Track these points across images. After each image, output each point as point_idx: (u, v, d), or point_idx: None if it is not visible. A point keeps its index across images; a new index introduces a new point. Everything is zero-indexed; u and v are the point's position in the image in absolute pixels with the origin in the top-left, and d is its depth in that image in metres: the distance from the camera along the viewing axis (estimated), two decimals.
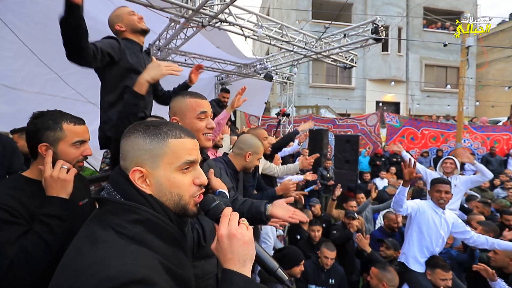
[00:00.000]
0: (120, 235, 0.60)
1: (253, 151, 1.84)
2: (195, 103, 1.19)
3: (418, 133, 9.43)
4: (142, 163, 0.67)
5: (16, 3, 3.27)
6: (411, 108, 15.64)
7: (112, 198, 0.66)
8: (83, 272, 0.53)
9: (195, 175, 0.72)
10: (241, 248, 0.64)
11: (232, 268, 0.63)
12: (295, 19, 14.18)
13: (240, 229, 0.66)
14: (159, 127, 0.69)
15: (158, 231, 0.65)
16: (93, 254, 0.56)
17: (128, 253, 0.57)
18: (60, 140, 1.09)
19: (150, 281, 0.54)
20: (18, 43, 3.43)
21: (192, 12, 3.69)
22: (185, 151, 0.69)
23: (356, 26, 5.05)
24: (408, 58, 15.81)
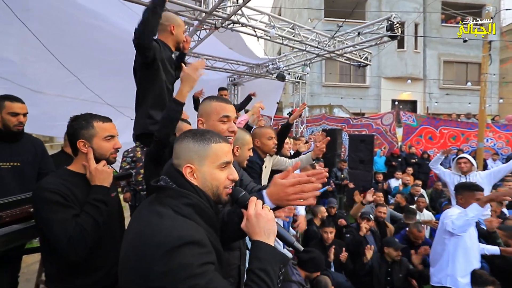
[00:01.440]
0: (176, 213, 0.81)
1: (240, 144, 1.79)
2: (220, 107, 1.30)
3: (437, 132, 9.11)
4: (192, 161, 0.87)
5: (41, 10, 3.44)
6: (429, 107, 15.14)
7: (170, 186, 0.86)
8: (154, 235, 0.73)
9: (229, 172, 0.92)
10: (266, 224, 0.85)
11: (259, 239, 0.84)
12: (307, 18, 14.06)
13: (264, 210, 0.88)
14: (204, 134, 0.90)
15: (202, 213, 0.85)
16: (161, 223, 0.76)
17: (186, 224, 0.79)
18: (93, 136, 1.31)
19: (204, 243, 0.77)
20: (42, 48, 3.60)
21: (206, 14, 3.75)
22: (223, 153, 0.90)
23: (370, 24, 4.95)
24: (426, 55, 15.30)
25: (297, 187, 0.98)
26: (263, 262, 0.80)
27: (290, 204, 1.01)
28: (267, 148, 2.30)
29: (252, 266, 0.80)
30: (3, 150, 1.98)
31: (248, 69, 7.71)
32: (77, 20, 3.80)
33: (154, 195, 0.89)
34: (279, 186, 1.00)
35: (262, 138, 2.28)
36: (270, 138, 2.31)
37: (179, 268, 0.69)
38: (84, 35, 4.02)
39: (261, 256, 0.81)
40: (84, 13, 3.79)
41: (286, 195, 0.99)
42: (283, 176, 1.01)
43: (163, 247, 0.70)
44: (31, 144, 2.14)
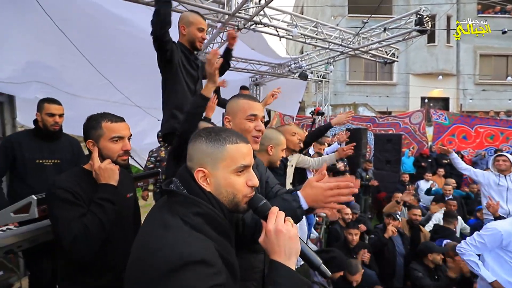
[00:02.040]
0: (185, 223, 0.72)
1: (274, 143, 1.81)
2: (247, 105, 1.25)
3: (472, 131, 8.51)
4: (204, 164, 0.78)
5: (78, 20, 3.71)
6: (462, 104, 14.17)
7: (180, 191, 0.78)
8: (158, 250, 0.66)
9: (248, 177, 0.81)
10: (287, 242, 0.72)
11: (278, 260, 0.71)
12: (330, 15, 13.77)
13: (286, 225, 0.74)
14: (219, 133, 0.80)
15: (213, 223, 0.76)
16: (165, 236, 0.69)
17: (193, 238, 0.69)
18: (100, 137, 1.29)
19: (211, 263, 0.66)
20: (78, 55, 3.88)
21: (228, 16, 3.82)
22: (240, 156, 0.79)
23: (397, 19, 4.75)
24: (459, 49, 14.34)
25: (336, 191, 0.96)
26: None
27: (326, 206, 0.99)
28: (292, 144, 2.31)
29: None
30: (45, 148, 2.18)
31: (270, 69, 7.72)
32: (110, 27, 4.04)
33: (165, 197, 0.82)
34: (318, 189, 0.97)
35: (285, 134, 2.25)
36: (294, 134, 2.33)
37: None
38: (115, 41, 4.27)
39: (279, 281, 0.70)
40: (115, 20, 4.03)
41: (325, 198, 0.96)
42: (318, 178, 0.99)
43: (163, 266, 0.63)
44: (69, 143, 2.33)
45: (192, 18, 1.95)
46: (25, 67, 3.43)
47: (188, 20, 1.94)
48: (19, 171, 2.11)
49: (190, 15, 1.97)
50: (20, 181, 2.12)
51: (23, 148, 2.09)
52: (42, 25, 3.38)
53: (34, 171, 2.12)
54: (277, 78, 8.01)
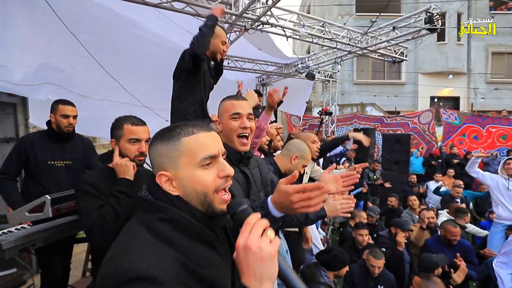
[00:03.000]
0: (149, 230, 0.65)
1: (300, 155, 1.81)
2: (230, 105, 1.24)
3: (483, 131, 8.32)
4: (164, 167, 0.69)
5: (89, 23, 3.78)
6: (473, 103, 13.87)
7: (145, 197, 0.71)
8: (110, 259, 0.62)
9: (219, 168, 0.71)
10: (258, 264, 0.57)
11: (247, 284, 0.58)
12: (338, 14, 13.66)
13: (260, 242, 0.58)
14: (173, 129, 0.71)
15: (183, 228, 0.66)
16: (121, 242, 0.65)
17: (146, 250, 0.60)
18: (121, 137, 1.43)
19: (158, 281, 0.55)
20: (89, 57, 3.95)
21: (236, 17, 3.84)
22: (201, 146, 0.69)
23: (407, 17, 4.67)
24: (470, 47, 14.04)
25: (304, 194, 0.85)
26: None
27: (297, 212, 0.89)
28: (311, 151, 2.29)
29: None
30: (57, 150, 2.22)
31: (276, 69, 7.71)
32: (119, 29, 4.11)
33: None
34: (282, 194, 0.86)
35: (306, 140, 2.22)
36: (314, 142, 2.33)
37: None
38: (124, 43, 4.33)
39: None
40: (124, 22, 4.09)
41: (290, 204, 0.86)
42: (287, 181, 0.88)
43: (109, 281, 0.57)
44: (81, 143, 2.37)
45: (218, 31, 2.04)
46: (37, 69, 3.50)
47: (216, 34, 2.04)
48: (32, 171, 2.16)
49: (216, 29, 2.06)
50: (33, 181, 2.17)
51: (36, 149, 2.14)
52: (53, 27, 3.46)
53: (46, 172, 2.17)
54: (283, 78, 8.00)
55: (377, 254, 2.55)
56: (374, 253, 2.56)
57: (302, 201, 0.85)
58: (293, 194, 0.84)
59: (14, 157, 2.16)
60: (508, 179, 3.26)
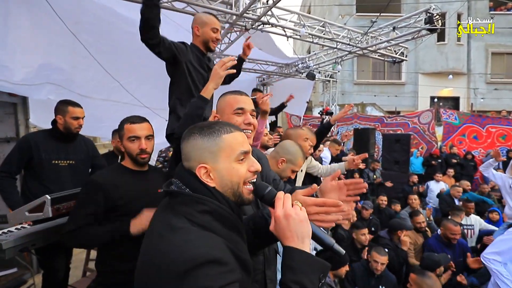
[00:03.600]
0: (192, 223, 0.69)
1: (287, 159, 1.66)
2: (233, 99, 1.20)
3: (483, 131, 8.32)
4: (205, 160, 0.76)
5: (89, 23, 3.78)
6: (473, 103, 13.87)
7: (182, 191, 0.75)
8: (167, 254, 0.63)
9: (249, 163, 0.80)
10: (298, 226, 0.70)
11: (291, 245, 0.70)
12: (338, 14, 13.66)
13: (295, 209, 0.72)
14: (212, 126, 0.78)
15: (223, 219, 0.74)
16: (173, 239, 0.66)
17: (201, 238, 0.66)
18: (123, 137, 1.47)
19: (223, 261, 0.64)
20: (89, 57, 3.95)
21: (236, 17, 3.84)
22: (238, 143, 0.78)
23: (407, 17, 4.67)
24: (470, 47, 14.05)
25: (322, 208, 0.87)
26: (297, 273, 0.67)
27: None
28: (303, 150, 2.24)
29: (285, 278, 0.68)
30: (60, 150, 2.22)
31: (277, 69, 7.71)
32: (120, 29, 4.10)
33: (167, 199, 0.80)
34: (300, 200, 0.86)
35: (298, 139, 2.18)
36: (306, 139, 2.22)
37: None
38: (125, 43, 4.33)
39: (295, 266, 0.67)
40: (125, 23, 4.08)
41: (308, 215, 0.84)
42: (306, 192, 0.92)
43: (175, 269, 0.61)
44: (84, 144, 2.38)
45: (206, 18, 1.94)
46: (38, 69, 3.50)
47: (202, 20, 1.93)
48: (34, 170, 2.15)
49: (204, 16, 1.96)
50: (35, 181, 2.17)
51: (40, 148, 2.14)
52: (54, 28, 3.46)
53: (49, 172, 2.16)
54: (284, 78, 8.00)
55: (381, 251, 2.58)
56: (378, 250, 2.58)
57: (318, 214, 0.87)
58: (311, 206, 0.86)
59: (16, 155, 2.14)
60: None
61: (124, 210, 1.39)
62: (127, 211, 1.39)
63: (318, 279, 0.68)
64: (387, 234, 3.30)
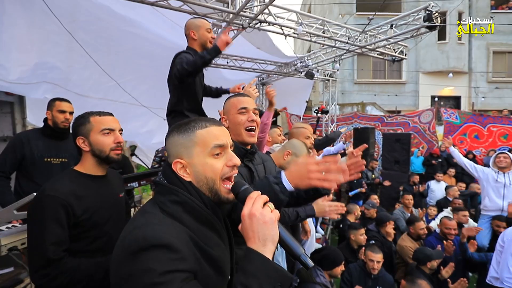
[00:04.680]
0: (162, 210, 0.73)
1: (293, 152, 1.78)
2: (236, 101, 1.33)
3: (484, 130, 8.28)
4: (180, 155, 0.78)
5: (85, 22, 3.77)
6: (475, 102, 13.80)
7: (159, 181, 0.80)
8: (129, 233, 0.69)
9: (227, 158, 0.80)
10: (261, 227, 0.67)
11: (252, 247, 0.67)
12: (338, 14, 13.62)
13: (262, 210, 0.69)
14: (188, 123, 0.80)
15: (192, 211, 0.75)
16: (138, 220, 0.72)
17: (162, 224, 0.69)
18: (90, 131, 1.25)
19: (174, 248, 0.64)
20: (86, 56, 3.94)
21: (233, 15, 3.81)
22: (212, 137, 0.78)
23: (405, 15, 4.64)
24: (471, 46, 13.96)
25: (322, 165, 0.91)
26: (249, 277, 0.63)
27: (311, 184, 0.92)
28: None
29: (235, 280, 0.65)
30: (53, 147, 2.21)
31: (276, 68, 7.68)
32: (117, 28, 4.09)
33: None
34: (301, 164, 0.93)
35: (299, 137, 2.23)
36: (308, 137, 2.29)
37: (140, 273, 0.62)
38: (123, 42, 4.32)
39: (249, 269, 0.64)
40: (123, 22, 4.07)
41: (308, 173, 0.91)
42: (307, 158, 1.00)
43: (129, 249, 0.65)
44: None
45: (198, 22, 2.11)
46: (34, 68, 3.50)
47: (196, 25, 2.09)
48: (27, 169, 2.15)
49: (196, 20, 2.13)
50: (27, 179, 2.16)
51: (32, 146, 2.13)
52: (50, 26, 3.45)
53: (41, 169, 2.15)
54: (283, 77, 7.97)
55: (375, 249, 2.59)
56: (372, 248, 2.59)
57: (319, 171, 0.90)
58: (312, 164, 0.91)
59: (9, 154, 2.14)
60: (497, 172, 3.45)
61: (89, 224, 1.19)
62: (92, 224, 1.20)
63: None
64: (375, 227, 3.35)
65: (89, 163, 1.28)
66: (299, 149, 1.81)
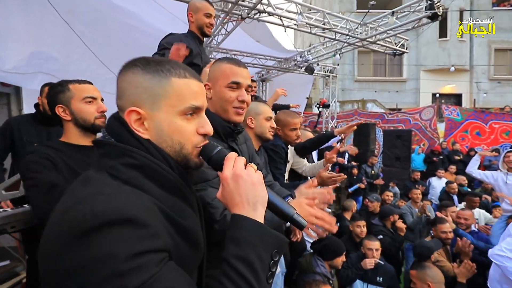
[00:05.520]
0: (114, 177, 0.55)
1: (253, 114, 1.58)
2: (229, 70, 1.05)
3: (486, 127, 8.22)
4: (139, 103, 0.58)
5: (83, 13, 3.73)
6: (476, 99, 13.73)
7: (106, 140, 0.60)
8: (70, 208, 0.49)
9: (200, 123, 0.64)
10: (250, 189, 0.57)
11: (241, 213, 0.56)
12: (339, 11, 13.56)
13: (247, 170, 0.59)
14: (161, 63, 0.60)
15: (157, 177, 0.58)
16: (80, 191, 0.52)
17: (119, 192, 0.52)
18: (71, 99, 1.18)
19: (142, 222, 0.48)
20: (83, 47, 3.89)
21: (232, 4, 3.77)
22: (190, 94, 0.61)
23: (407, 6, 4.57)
24: (473, 43, 13.88)
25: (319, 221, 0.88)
26: (243, 246, 0.53)
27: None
28: (289, 139, 2.12)
29: (226, 253, 0.53)
30: (43, 133, 2.18)
31: (276, 64, 7.63)
32: (115, 20, 4.04)
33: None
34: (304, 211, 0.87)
35: (284, 128, 2.09)
36: (293, 129, 2.10)
37: (96, 262, 0.44)
38: (122, 34, 4.27)
39: (241, 237, 0.53)
40: (121, 14, 4.03)
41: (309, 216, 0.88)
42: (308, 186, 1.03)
43: (75, 227, 0.46)
44: None
45: (199, 4, 1.99)
46: (30, 57, 3.45)
47: (195, 6, 1.99)
48: (18, 154, 2.13)
49: (197, 2, 2.01)
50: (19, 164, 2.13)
51: (21, 131, 2.11)
52: (47, 16, 3.40)
53: None
54: (283, 73, 7.92)
55: (371, 237, 2.56)
56: (368, 237, 2.57)
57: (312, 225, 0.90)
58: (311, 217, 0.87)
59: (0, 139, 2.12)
60: (506, 173, 3.32)
61: None
62: None
63: (270, 255, 0.54)
64: (379, 221, 3.28)
65: (72, 133, 1.21)
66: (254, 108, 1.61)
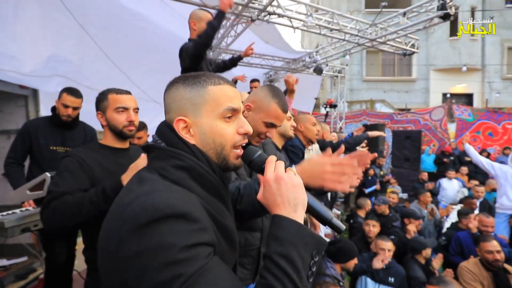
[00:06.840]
0: (164, 177, 0.62)
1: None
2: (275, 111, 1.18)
3: (499, 127, 8.05)
4: (185, 112, 0.67)
5: (96, 15, 3.82)
6: (488, 99, 13.43)
7: (157, 145, 0.67)
8: (131, 202, 0.55)
9: (238, 124, 0.70)
10: (291, 191, 0.61)
11: (282, 214, 0.60)
12: (347, 11, 13.46)
13: (288, 173, 0.63)
14: (198, 76, 0.69)
15: (201, 179, 0.64)
16: (138, 189, 0.58)
17: (171, 190, 0.58)
18: (107, 108, 1.34)
19: (194, 217, 0.54)
20: (96, 49, 3.99)
21: (242, 7, 3.80)
22: (226, 97, 0.68)
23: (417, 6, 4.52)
24: (485, 42, 13.59)
25: (338, 166, 0.86)
26: (285, 245, 0.56)
27: (324, 185, 0.87)
28: (311, 134, 2.24)
29: (269, 251, 0.57)
30: (59, 136, 2.24)
31: (284, 64, 7.63)
32: (127, 22, 4.13)
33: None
34: (316, 164, 0.88)
35: (306, 123, 2.23)
36: (314, 124, 2.26)
37: (154, 251, 0.49)
38: (133, 36, 4.36)
39: (283, 237, 0.57)
40: (132, 16, 4.11)
41: (323, 173, 0.86)
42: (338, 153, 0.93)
43: (134, 221, 0.52)
44: (83, 131, 2.37)
45: (201, 13, 2.13)
46: (47, 61, 3.55)
47: (198, 16, 2.11)
48: (35, 157, 2.20)
49: (199, 12, 2.16)
50: (37, 167, 2.20)
51: (38, 134, 2.17)
52: (62, 19, 3.50)
53: (48, 157, 2.19)
54: (292, 73, 7.92)
55: (384, 238, 2.59)
56: (381, 237, 2.60)
57: (334, 173, 0.87)
58: (328, 165, 0.86)
59: (18, 141, 2.20)
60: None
61: None
62: None
63: (310, 255, 0.57)
64: (400, 224, 3.34)
65: (108, 137, 1.38)
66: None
